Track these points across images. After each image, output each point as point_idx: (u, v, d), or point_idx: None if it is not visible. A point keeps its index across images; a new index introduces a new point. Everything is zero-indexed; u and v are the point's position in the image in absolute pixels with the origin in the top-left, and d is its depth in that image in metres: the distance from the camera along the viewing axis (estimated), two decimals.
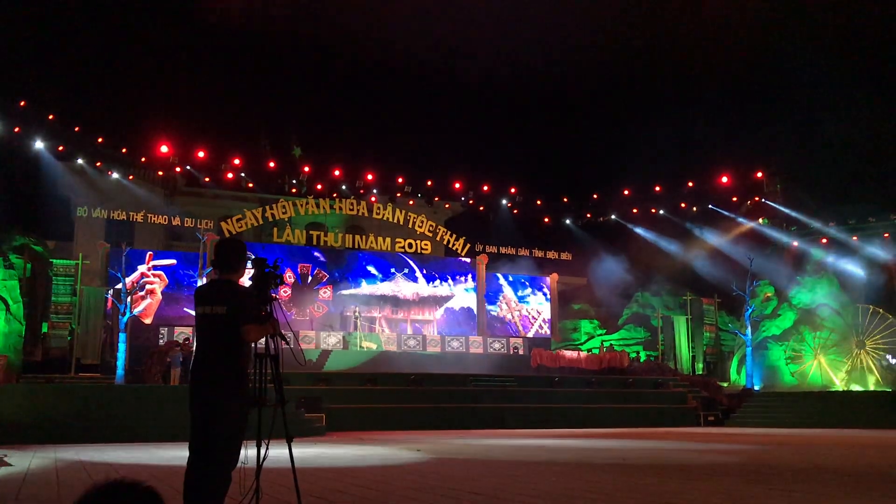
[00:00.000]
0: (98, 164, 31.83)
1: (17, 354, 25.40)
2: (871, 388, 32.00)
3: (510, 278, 37.05)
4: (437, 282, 35.31)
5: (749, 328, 33.42)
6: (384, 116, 50.89)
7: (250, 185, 34.82)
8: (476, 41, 55.48)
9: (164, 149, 31.91)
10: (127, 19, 40.12)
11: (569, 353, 32.93)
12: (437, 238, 35.25)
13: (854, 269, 35.40)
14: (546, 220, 40.03)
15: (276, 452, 5.30)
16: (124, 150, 32.39)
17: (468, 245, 35.43)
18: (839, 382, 33.12)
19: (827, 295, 34.68)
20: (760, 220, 38.37)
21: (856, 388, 32.17)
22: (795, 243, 37.21)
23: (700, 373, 34.95)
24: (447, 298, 35.36)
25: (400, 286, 34.46)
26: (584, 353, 33.48)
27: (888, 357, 33.13)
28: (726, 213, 38.77)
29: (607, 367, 32.05)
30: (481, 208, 38.96)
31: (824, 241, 36.28)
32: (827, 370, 33.56)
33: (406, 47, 51.66)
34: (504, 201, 38.76)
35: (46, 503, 7.16)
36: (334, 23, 52.08)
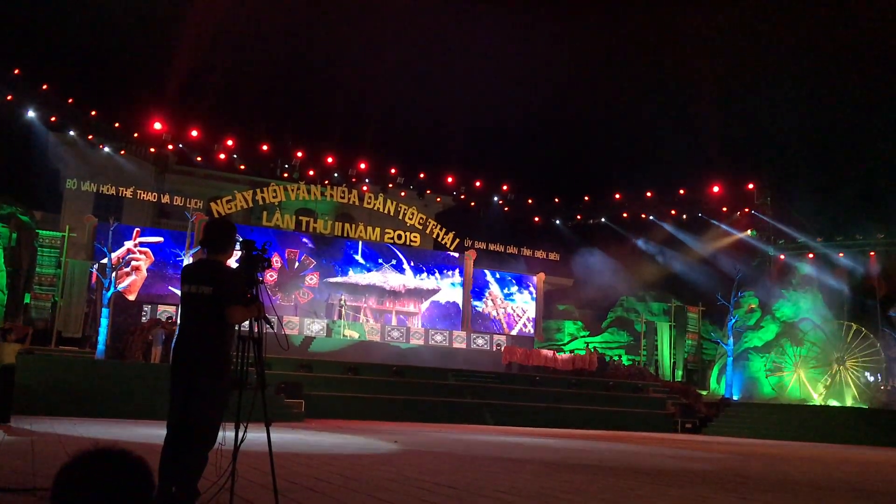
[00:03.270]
0: (90, 137, 31.63)
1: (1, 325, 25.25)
2: (849, 404, 32.26)
3: (497, 275, 37.10)
4: (425, 275, 35.31)
5: (731, 338, 33.61)
6: (379, 107, 50.80)
7: (242, 167, 34.68)
8: (476, 43, 55.44)
9: (157, 125, 31.73)
10: None
11: (544, 353, 33.00)
12: (427, 231, 35.24)
13: (838, 285, 35.65)
14: (536, 219, 40.09)
15: (254, 436, 5.30)
16: (117, 125, 32.20)
17: (457, 240, 35.44)
18: (817, 397, 33.38)
19: (810, 309, 34.93)
20: (749, 232, 38.57)
21: (833, 403, 32.42)
22: (782, 256, 37.44)
23: (680, 380, 35.13)
24: (433, 292, 35.37)
25: (387, 277, 34.43)
26: (559, 354, 33.52)
27: (867, 374, 33.42)
28: (715, 222, 38.95)
29: (578, 369, 32.13)
30: (472, 204, 38.96)
31: (811, 255, 36.53)
32: (806, 384, 33.81)
33: (405, 46, 51.56)
34: (496, 198, 38.78)
35: (21, 474, 7.13)
36: (334, 23, 51.92)
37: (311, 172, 34.71)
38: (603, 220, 40.70)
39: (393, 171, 36.08)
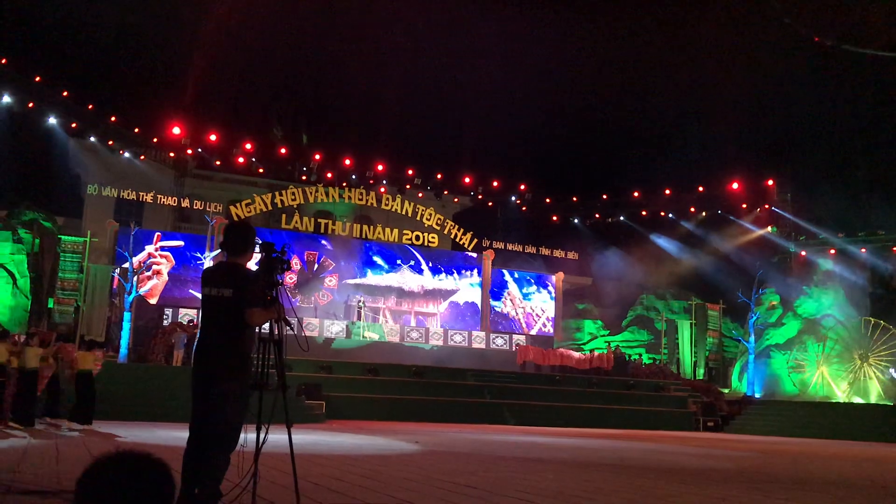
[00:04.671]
0: (110, 142, 31.90)
1: (22, 329, 25.52)
2: (873, 400, 31.92)
3: (516, 275, 37.03)
4: (443, 275, 35.31)
5: (752, 335, 33.35)
6: (396, 108, 50.86)
7: (261, 170, 34.86)
8: (492, 43, 55.31)
9: (176, 130, 31.94)
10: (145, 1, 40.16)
11: (559, 352, 32.87)
12: (445, 231, 35.24)
13: (861, 281, 35.27)
14: (554, 218, 39.95)
15: (276, 437, 5.33)
16: (137, 130, 32.45)
17: (475, 240, 35.40)
18: (841, 394, 33.05)
19: (832, 306, 34.59)
20: (769, 228, 38.24)
21: (857, 400, 32.09)
22: (803, 253, 37.09)
23: (701, 378, 34.92)
24: (452, 292, 35.38)
25: (405, 278, 34.47)
26: (575, 353, 33.35)
27: (891, 370, 33.04)
28: (735, 219, 38.66)
29: (595, 368, 31.97)
30: (490, 204, 38.91)
31: (832, 251, 36.16)
32: (829, 381, 33.49)
33: (421, 47, 51.58)
34: (513, 198, 38.71)
35: (46, 477, 7.21)
36: (349, 24, 51.98)
37: (329, 175, 34.81)
38: (622, 218, 40.49)
39: (410, 172, 36.08)
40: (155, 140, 32.74)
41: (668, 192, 39.27)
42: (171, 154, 33.60)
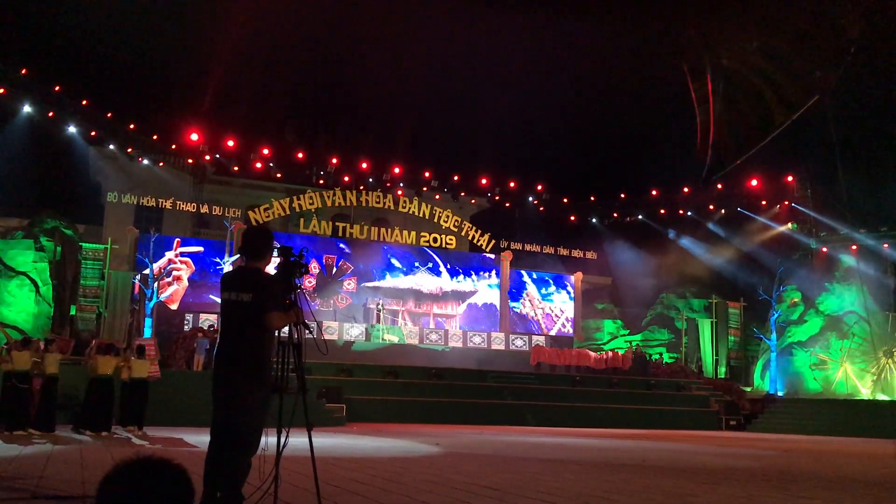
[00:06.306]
0: (129, 150, 32.16)
1: (45, 336, 25.74)
2: None
3: (534, 276, 36.94)
4: (461, 277, 35.30)
5: (774, 333, 33.03)
6: (412, 111, 50.89)
7: (278, 175, 35.02)
8: (506, 43, 55.27)
9: (193, 137, 32.16)
10: (160, 7, 40.45)
11: (575, 352, 32.72)
12: (462, 233, 35.23)
13: (884, 276, 34.86)
14: (572, 218, 39.83)
15: (296, 441, 5.35)
16: (155, 137, 32.69)
17: (493, 241, 35.37)
18: (865, 391, 32.69)
19: (855, 302, 34.21)
20: (789, 225, 37.91)
21: (882, 397, 31.73)
22: (824, 249, 36.71)
23: (723, 377, 34.67)
24: (470, 294, 35.35)
25: (423, 280, 34.49)
26: (592, 353, 33.18)
27: None
28: (755, 216, 38.34)
29: (610, 368, 31.79)
30: (507, 205, 38.84)
31: (854, 247, 35.77)
32: (853, 378, 33.14)
33: (436, 49, 51.56)
34: (530, 198, 38.61)
35: (70, 482, 7.27)
36: (365, 28, 52.09)
37: (347, 178, 34.91)
38: (640, 217, 40.30)
39: (427, 174, 36.10)
40: (173, 147, 32.98)
41: (686, 190, 39.04)
42: (190, 160, 33.81)
